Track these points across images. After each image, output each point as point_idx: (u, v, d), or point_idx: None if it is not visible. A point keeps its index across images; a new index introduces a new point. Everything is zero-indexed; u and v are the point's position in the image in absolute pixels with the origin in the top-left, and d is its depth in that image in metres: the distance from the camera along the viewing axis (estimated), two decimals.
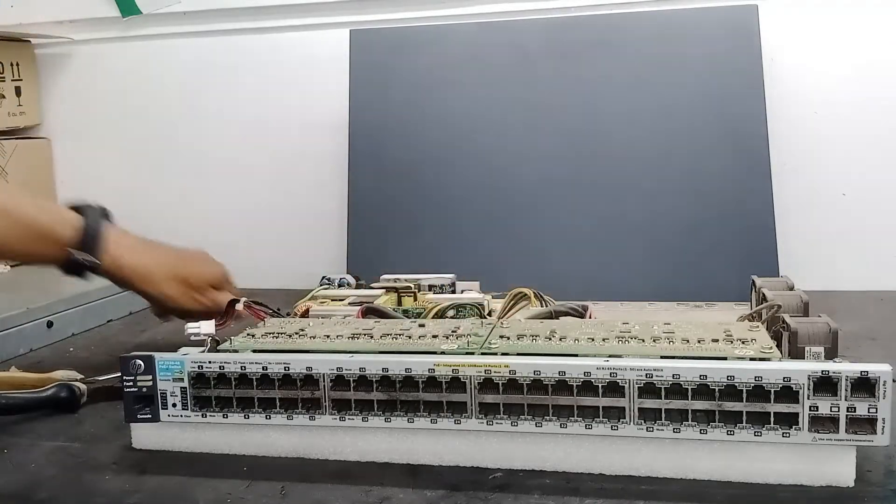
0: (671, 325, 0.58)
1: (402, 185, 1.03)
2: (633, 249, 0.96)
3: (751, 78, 0.97)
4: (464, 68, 1.05)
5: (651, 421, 0.49)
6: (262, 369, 0.53)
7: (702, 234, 0.95)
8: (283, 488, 0.50)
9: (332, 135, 1.11)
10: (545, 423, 0.50)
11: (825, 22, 1.02)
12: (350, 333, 0.59)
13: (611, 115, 1.00)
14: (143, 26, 1.21)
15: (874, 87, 1.01)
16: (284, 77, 1.17)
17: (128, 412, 0.55)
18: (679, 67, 0.99)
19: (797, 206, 1.01)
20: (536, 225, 0.99)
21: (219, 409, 0.54)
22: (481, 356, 0.52)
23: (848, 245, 1.02)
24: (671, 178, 0.97)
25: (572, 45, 1.02)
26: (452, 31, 1.07)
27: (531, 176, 1.01)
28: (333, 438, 0.54)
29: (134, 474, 0.53)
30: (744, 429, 0.48)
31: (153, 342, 0.88)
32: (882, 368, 0.46)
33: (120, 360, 0.55)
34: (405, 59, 1.07)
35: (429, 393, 0.51)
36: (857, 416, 0.46)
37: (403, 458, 0.53)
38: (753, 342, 0.53)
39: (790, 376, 0.47)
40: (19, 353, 0.84)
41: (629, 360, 0.50)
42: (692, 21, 1.00)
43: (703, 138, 0.97)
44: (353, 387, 0.52)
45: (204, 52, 1.19)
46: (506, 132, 1.02)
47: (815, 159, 1.02)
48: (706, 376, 0.48)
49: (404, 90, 1.06)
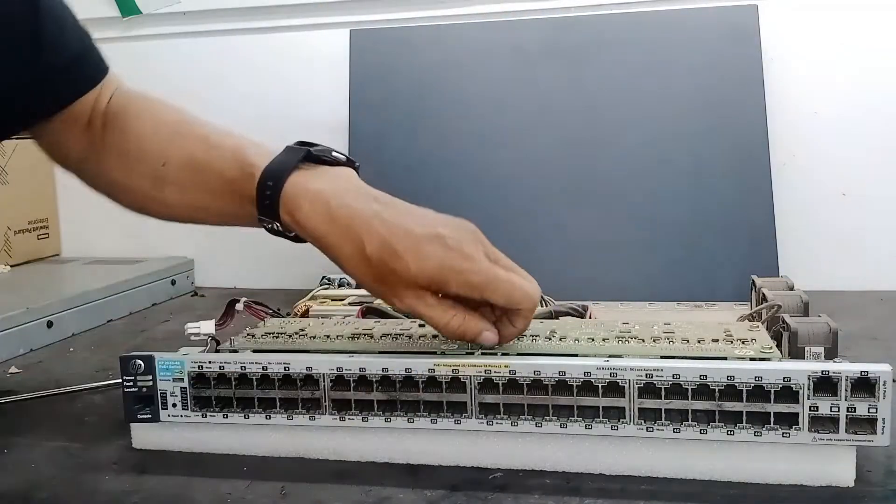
0: (671, 325, 0.58)
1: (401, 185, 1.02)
2: (633, 249, 0.96)
3: (751, 78, 0.97)
4: (464, 68, 1.05)
5: (651, 421, 0.49)
6: (262, 369, 0.53)
7: (702, 234, 0.95)
8: (283, 488, 0.50)
9: (332, 135, 1.11)
10: (545, 423, 0.50)
11: (825, 22, 1.01)
12: (350, 333, 0.59)
13: (610, 114, 1.00)
14: (143, 26, 1.21)
15: (874, 87, 1.01)
16: (284, 77, 1.17)
17: (128, 412, 0.55)
18: (679, 67, 0.99)
19: (797, 206, 1.01)
20: (536, 225, 0.99)
21: (219, 410, 0.54)
22: (481, 356, 0.52)
23: (848, 245, 1.02)
24: (671, 178, 0.97)
25: (572, 45, 1.02)
26: (452, 31, 1.07)
27: (531, 176, 1.00)
28: (333, 438, 0.54)
29: (134, 474, 0.53)
30: (744, 429, 0.48)
31: (153, 342, 0.88)
32: (882, 368, 0.46)
33: (120, 360, 0.55)
34: (405, 59, 1.07)
35: (429, 393, 0.51)
36: (857, 416, 0.46)
37: (403, 458, 0.53)
38: (753, 342, 0.53)
39: (790, 376, 0.47)
40: (19, 353, 0.84)
41: (629, 360, 0.50)
42: (692, 21, 1.00)
43: (703, 138, 0.97)
44: (353, 387, 0.52)
45: (204, 52, 1.19)
46: (506, 132, 1.02)
47: (815, 159, 1.02)
48: (706, 376, 0.48)
49: (404, 90, 1.06)
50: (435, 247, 0.50)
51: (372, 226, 0.51)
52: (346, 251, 0.52)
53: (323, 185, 0.54)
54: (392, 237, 0.51)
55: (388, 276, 0.51)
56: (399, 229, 0.51)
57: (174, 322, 0.96)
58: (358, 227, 0.51)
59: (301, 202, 0.53)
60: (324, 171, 0.55)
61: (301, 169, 0.55)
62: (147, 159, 0.60)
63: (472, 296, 0.51)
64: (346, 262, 0.52)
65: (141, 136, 0.61)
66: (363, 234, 0.51)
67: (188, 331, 0.60)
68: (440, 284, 0.51)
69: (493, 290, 0.51)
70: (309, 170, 0.55)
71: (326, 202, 0.53)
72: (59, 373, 0.77)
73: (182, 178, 0.59)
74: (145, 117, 0.62)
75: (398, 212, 0.53)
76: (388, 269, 0.51)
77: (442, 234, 0.51)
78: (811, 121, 1.02)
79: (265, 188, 0.54)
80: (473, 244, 0.51)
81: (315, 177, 0.54)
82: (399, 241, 0.50)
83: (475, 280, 0.50)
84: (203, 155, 0.58)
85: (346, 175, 0.56)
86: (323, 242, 0.53)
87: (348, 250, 0.52)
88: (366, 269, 0.52)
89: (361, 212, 0.52)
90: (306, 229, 0.53)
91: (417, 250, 0.50)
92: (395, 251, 0.50)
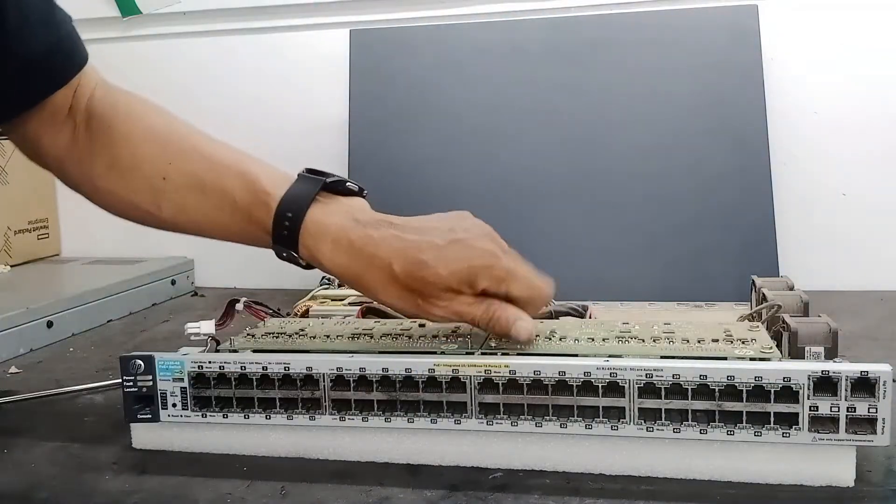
0: (671, 325, 0.58)
1: (401, 185, 1.03)
2: (633, 249, 0.96)
3: (751, 78, 0.97)
4: (464, 68, 1.05)
5: (651, 421, 0.49)
6: (262, 369, 0.53)
7: (702, 234, 0.95)
8: (283, 488, 0.50)
9: (332, 135, 1.11)
10: (545, 423, 0.50)
11: (825, 22, 1.01)
12: (350, 333, 0.59)
13: (610, 114, 1.00)
14: (143, 26, 1.21)
15: (874, 87, 1.00)
16: (284, 77, 1.17)
17: (128, 412, 0.55)
18: (679, 67, 0.99)
19: (797, 206, 1.01)
20: (536, 225, 0.99)
21: (219, 409, 0.54)
22: (481, 356, 0.52)
23: (848, 245, 1.02)
24: (671, 178, 0.97)
25: (572, 45, 1.02)
26: (452, 31, 1.07)
27: (531, 175, 1.00)
28: (333, 438, 0.54)
29: (134, 474, 0.53)
30: (744, 429, 0.48)
31: (153, 342, 0.88)
32: (882, 368, 0.46)
33: (120, 360, 0.55)
34: (405, 59, 1.07)
35: (429, 393, 0.51)
36: (857, 416, 0.46)
37: (403, 458, 0.53)
38: (753, 342, 0.53)
39: (790, 376, 0.47)
40: (19, 354, 0.84)
41: (629, 360, 0.50)
42: (692, 21, 1.00)
43: (703, 138, 0.97)
44: (353, 387, 0.52)
45: (204, 52, 1.19)
46: (506, 132, 1.02)
47: (815, 159, 1.02)
48: (706, 376, 0.48)
49: (404, 90, 1.06)
50: (459, 250, 0.52)
51: (394, 247, 0.52)
52: (373, 278, 0.53)
53: (343, 221, 0.54)
54: (417, 251, 0.52)
55: (422, 287, 0.52)
56: (422, 243, 0.52)
57: (174, 322, 0.96)
58: (383, 252, 0.52)
59: (323, 239, 0.54)
60: (340, 203, 0.56)
61: (318, 202, 0.55)
62: (142, 171, 0.59)
63: (498, 290, 0.53)
64: (376, 288, 0.53)
65: (133, 144, 0.59)
66: (389, 257, 0.52)
67: (188, 331, 0.60)
68: (470, 282, 0.52)
69: (517, 280, 0.53)
70: (326, 202, 0.55)
71: (348, 238, 0.53)
72: (59, 373, 0.77)
73: (184, 195, 0.58)
74: (135, 121, 0.61)
75: (415, 229, 0.54)
76: (420, 279, 0.52)
77: (462, 238, 0.53)
78: (811, 121, 1.02)
79: (283, 219, 0.54)
80: (491, 241, 0.54)
81: (334, 212, 0.55)
82: (424, 253, 0.52)
83: (501, 273, 0.52)
84: (208, 174, 0.58)
85: (360, 206, 0.56)
86: (348, 276, 0.54)
87: (376, 276, 0.53)
88: (397, 289, 0.53)
89: (382, 238, 0.53)
90: (330, 266, 0.54)
91: (444, 256, 0.52)
92: (422, 262, 0.52)
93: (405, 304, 0.53)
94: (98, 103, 0.61)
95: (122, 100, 0.62)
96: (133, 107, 0.62)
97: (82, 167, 0.61)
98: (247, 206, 0.56)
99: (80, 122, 0.61)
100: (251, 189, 0.56)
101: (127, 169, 0.59)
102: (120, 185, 0.60)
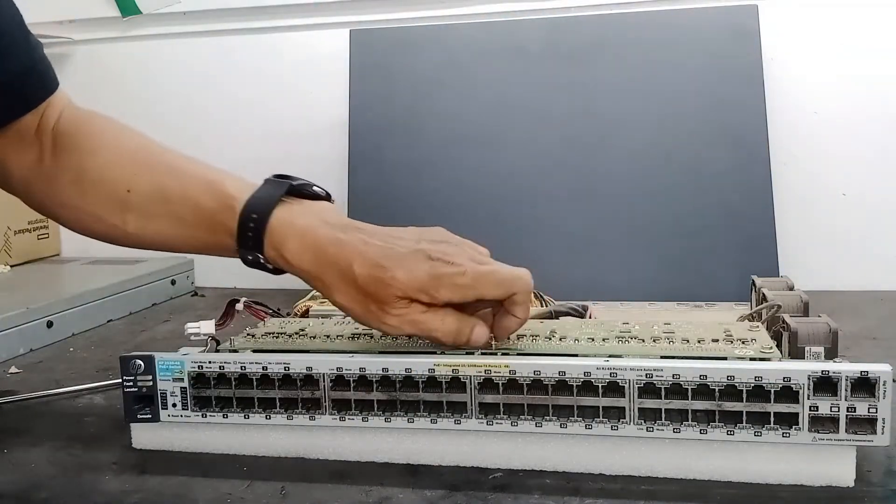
0: (671, 325, 0.58)
1: (401, 186, 1.03)
2: (633, 249, 0.96)
3: (751, 78, 0.97)
4: (464, 68, 1.05)
5: (651, 421, 0.49)
6: (262, 369, 0.53)
7: (702, 234, 0.95)
8: (283, 488, 0.50)
9: (332, 135, 1.11)
10: (545, 423, 0.50)
11: (825, 22, 1.02)
12: (350, 333, 0.59)
13: (610, 114, 1.00)
14: (143, 26, 1.21)
15: (874, 87, 1.01)
16: (284, 77, 1.17)
17: (128, 412, 0.55)
18: (679, 67, 0.99)
19: (797, 206, 1.01)
20: (536, 225, 0.99)
21: (219, 409, 0.54)
22: (481, 356, 0.52)
23: (848, 245, 1.02)
24: (671, 178, 0.97)
25: (572, 45, 1.02)
26: (452, 31, 1.07)
27: (531, 176, 1.00)
28: (333, 438, 0.54)
29: (134, 474, 0.53)
30: (744, 429, 0.48)
31: (153, 342, 0.88)
32: (882, 368, 0.46)
33: (120, 360, 0.55)
34: (405, 59, 1.07)
35: (429, 393, 0.51)
36: (857, 416, 0.46)
37: (403, 458, 0.53)
38: (753, 342, 0.53)
39: (790, 376, 0.47)
40: (19, 353, 0.84)
41: (629, 360, 0.50)
42: (692, 21, 1.00)
43: (703, 138, 0.97)
44: (353, 387, 0.52)
45: (204, 52, 1.19)
46: (506, 132, 1.02)
47: (815, 159, 1.02)
48: (706, 376, 0.48)
49: (404, 90, 1.06)
50: (420, 259, 0.51)
51: (359, 249, 0.52)
52: (331, 277, 0.53)
53: (309, 221, 0.54)
54: (380, 255, 0.52)
55: (379, 290, 0.51)
56: (386, 249, 0.52)
57: (174, 322, 0.96)
58: (347, 254, 0.52)
59: (289, 239, 0.54)
60: (307, 205, 0.56)
61: (284, 203, 0.55)
62: (108, 183, 0.59)
63: (466, 297, 0.52)
64: (332, 287, 0.53)
65: (100, 158, 0.60)
66: (351, 258, 0.52)
67: (188, 331, 0.60)
68: (431, 291, 0.51)
69: (484, 283, 0.52)
70: (292, 204, 0.55)
71: (315, 236, 0.53)
72: (59, 373, 0.77)
73: (148, 206, 0.58)
74: (103, 138, 0.61)
75: (383, 236, 0.54)
76: (378, 281, 0.51)
77: (424, 248, 0.52)
78: (811, 121, 1.02)
79: (248, 220, 0.54)
80: (455, 251, 0.53)
81: (300, 213, 0.55)
82: (387, 258, 0.51)
83: (462, 280, 0.51)
84: (174, 183, 0.58)
85: (328, 209, 0.57)
86: (310, 276, 0.54)
87: (334, 276, 0.53)
88: (353, 292, 0.52)
89: (349, 240, 0.53)
90: (294, 266, 0.54)
91: (405, 263, 0.51)
92: (383, 266, 0.51)
93: (358, 307, 0.52)
94: (65, 123, 0.62)
95: (89, 119, 0.63)
96: (101, 124, 0.63)
97: (49, 185, 0.61)
98: (212, 211, 0.56)
99: (46, 143, 0.61)
100: (216, 195, 0.56)
101: (92, 183, 0.59)
102: (85, 199, 0.60)
